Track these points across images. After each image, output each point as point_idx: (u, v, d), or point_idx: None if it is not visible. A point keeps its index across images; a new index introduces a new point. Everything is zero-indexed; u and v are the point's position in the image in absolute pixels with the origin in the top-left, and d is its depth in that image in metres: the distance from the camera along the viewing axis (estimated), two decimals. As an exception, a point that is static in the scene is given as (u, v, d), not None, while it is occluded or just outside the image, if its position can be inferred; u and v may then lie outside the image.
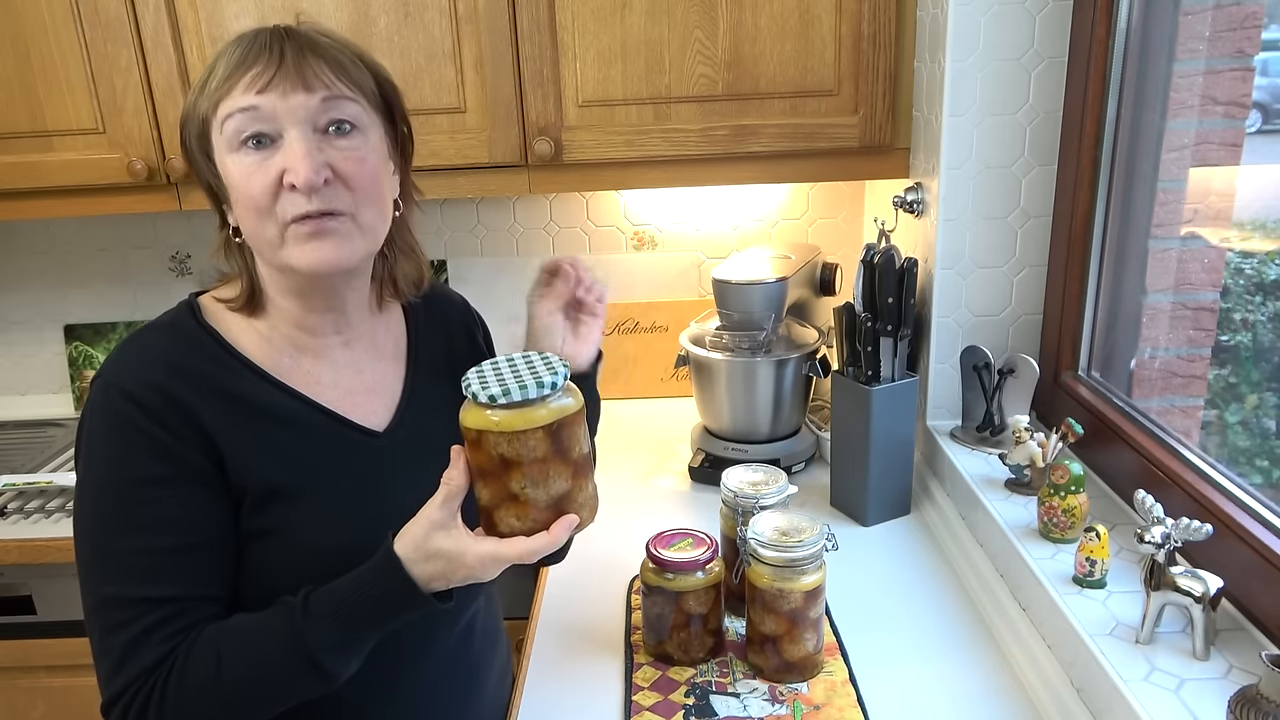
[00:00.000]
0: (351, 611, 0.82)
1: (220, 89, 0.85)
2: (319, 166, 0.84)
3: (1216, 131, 1.20)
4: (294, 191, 0.84)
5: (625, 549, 1.37)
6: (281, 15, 1.47)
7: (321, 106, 0.85)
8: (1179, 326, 1.27)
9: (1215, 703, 0.86)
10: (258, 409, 0.89)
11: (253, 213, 0.85)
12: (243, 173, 0.84)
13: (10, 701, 1.64)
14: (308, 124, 0.85)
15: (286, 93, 0.83)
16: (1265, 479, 1.14)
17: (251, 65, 0.84)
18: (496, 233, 1.95)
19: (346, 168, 0.86)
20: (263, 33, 0.87)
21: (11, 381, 2.10)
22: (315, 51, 0.86)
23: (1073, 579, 1.06)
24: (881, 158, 1.55)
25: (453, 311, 1.12)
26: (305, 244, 0.86)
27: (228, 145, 0.85)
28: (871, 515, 1.44)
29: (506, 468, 0.79)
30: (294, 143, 0.84)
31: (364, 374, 0.98)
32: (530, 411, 0.78)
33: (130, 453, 0.83)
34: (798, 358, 1.58)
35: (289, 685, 0.82)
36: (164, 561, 0.83)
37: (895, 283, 1.37)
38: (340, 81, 0.86)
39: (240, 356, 0.91)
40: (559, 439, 0.79)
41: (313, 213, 0.84)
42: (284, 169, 0.83)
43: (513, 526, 0.81)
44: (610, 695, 1.09)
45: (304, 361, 0.94)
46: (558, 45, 1.49)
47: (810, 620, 1.07)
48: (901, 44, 1.49)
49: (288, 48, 0.85)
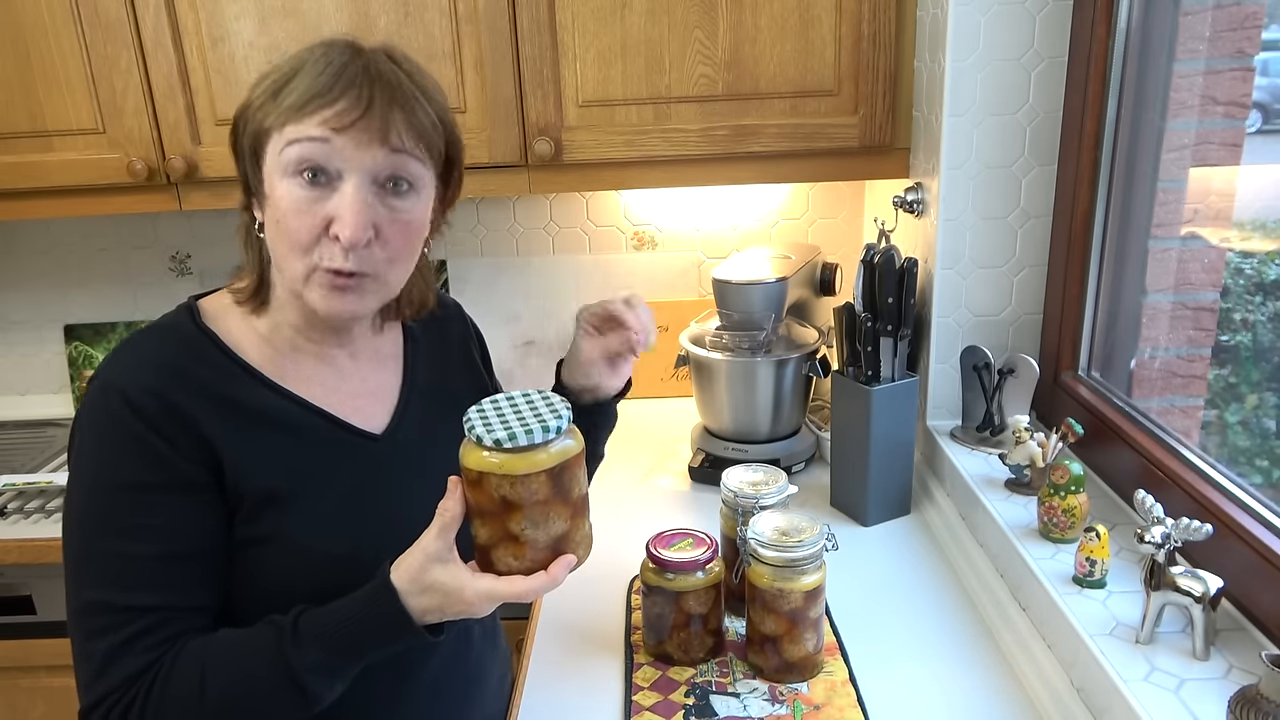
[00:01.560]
0: (341, 638, 0.81)
1: (295, 111, 0.82)
2: (366, 225, 0.83)
3: (1216, 131, 1.20)
4: (336, 242, 0.83)
5: (625, 549, 1.37)
6: (281, 16, 1.47)
7: (389, 161, 0.84)
8: (1179, 326, 1.27)
9: (1215, 703, 0.86)
10: (256, 414, 0.88)
11: (288, 244, 0.84)
12: (292, 205, 0.83)
13: (10, 701, 1.64)
14: (369, 175, 0.83)
15: (362, 142, 0.82)
16: (1265, 479, 1.14)
17: (336, 100, 0.81)
18: (496, 233, 1.95)
19: (391, 232, 0.86)
20: (354, 62, 0.84)
21: (11, 381, 2.10)
22: (403, 105, 0.84)
23: (1073, 579, 1.06)
24: (881, 158, 1.55)
25: (450, 324, 1.12)
26: (328, 293, 0.86)
27: (283, 168, 0.83)
28: (871, 515, 1.44)
29: (507, 509, 0.78)
30: (351, 193, 0.82)
31: (366, 380, 0.99)
32: (533, 455, 0.77)
33: (121, 457, 0.82)
34: (798, 358, 1.58)
35: (271, 705, 0.81)
36: (149, 570, 0.81)
37: (895, 283, 1.37)
38: (415, 142, 0.85)
39: (239, 360, 0.90)
40: (560, 481, 0.79)
41: (345, 270, 0.84)
42: (333, 216, 0.82)
43: (510, 566, 0.81)
44: (610, 695, 1.09)
45: (305, 364, 0.93)
46: (558, 45, 1.49)
47: (810, 620, 1.07)
48: (901, 44, 1.49)
49: (377, 94, 0.83)
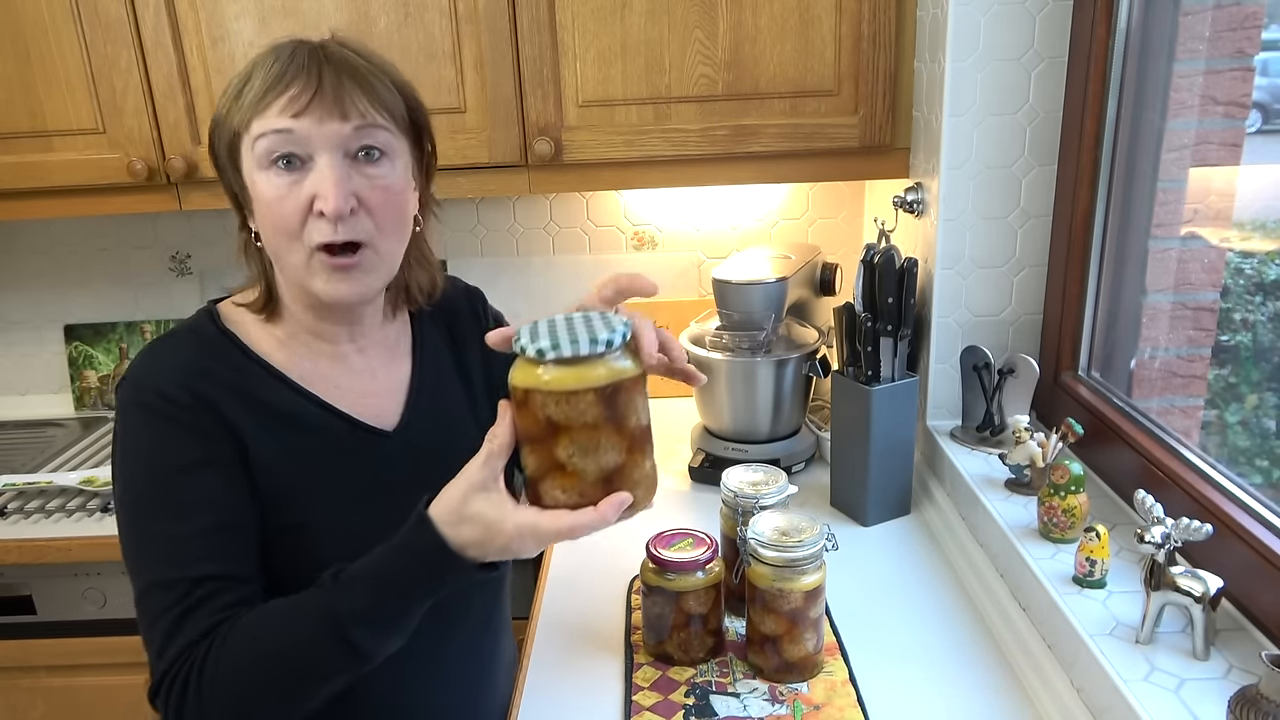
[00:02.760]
0: (382, 580, 0.80)
1: (255, 106, 0.86)
2: (347, 195, 0.86)
3: (1216, 131, 1.20)
4: (321, 218, 0.86)
5: (625, 549, 1.37)
6: (281, 16, 1.47)
7: (354, 134, 0.87)
8: (1179, 326, 1.27)
9: (1215, 703, 0.86)
10: (277, 412, 0.92)
11: (280, 234, 0.88)
12: (273, 193, 0.87)
13: (10, 701, 1.64)
14: (339, 150, 0.87)
15: (322, 119, 0.85)
16: (1265, 479, 1.14)
17: (289, 86, 0.85)
18: (496, 233, 1.95)
19: (372, 197, 0.88)
20: (300, 49, 0.88)
21: (11, 381, 2.10)
22: (353, 77, 0.87)
23: (1073, 579, 1.06)
24: (881, 158, 1.55)
25: (453, 301, 1.13)
26: (330, 277, 0.89)
27: (258, 163, 0.87)
28: (871, 515, 1.44)
29: (554, 432, 0.72)
30: (325, 169, 0.86)
31: (378, 377, 1.01)
32: (583, 370, 0.71)
33: (165, 442, 0.87)
34: (798, 358, 1.58)
35: (322, 662, 0.81)
36: (201, 542, 0.85)
37: (895, 283, 1.37)
38: (374, 109, 0.88)
39: (260, 360, 0.94)
40: (613, 404, 0.72)
41: (337, 243, 0.87)
42: (314, 194, 0.86)
43: (557, 499, 0.74)
44: (610, 695, 1.09)
45: (321, 365, 0.97)
46: (558, 45, 1.49)
47: (810, 620, 1.07)
48: (901, 44, 1.49)
49: (326, 72, 0.86)
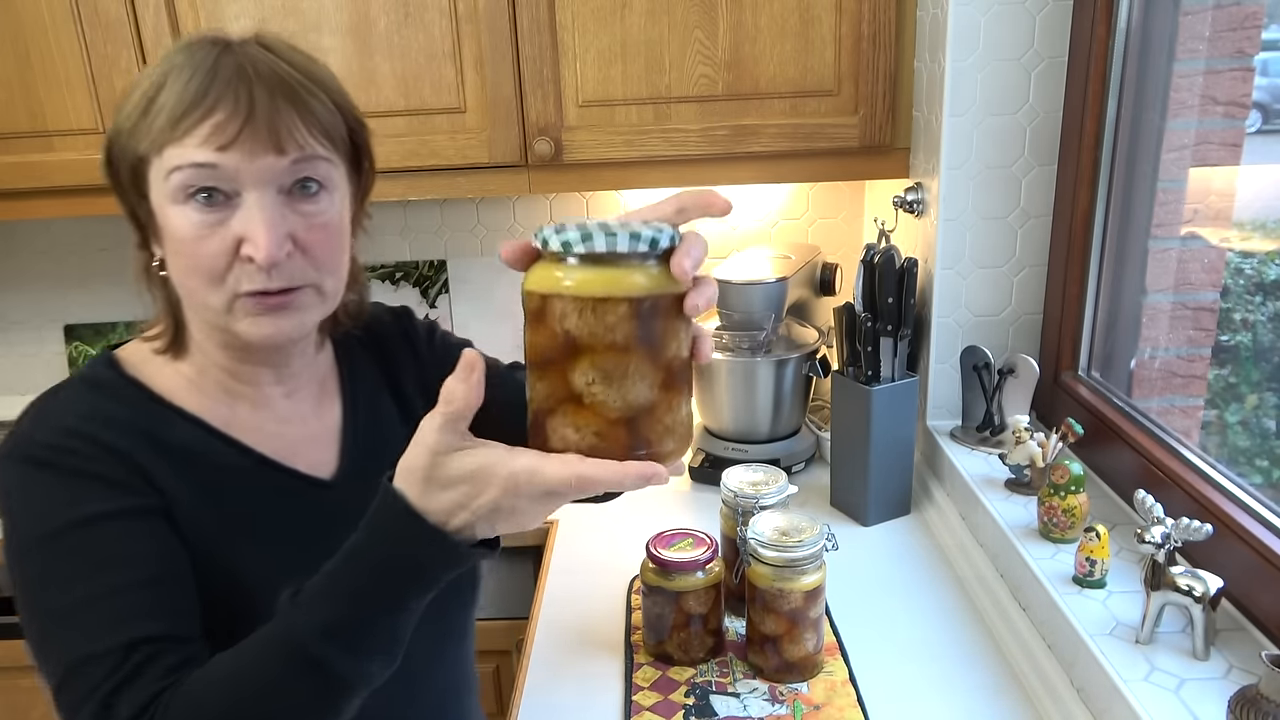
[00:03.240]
0: (349, 580, 0.66)
1: (170, 130, 0.72)
2: (281, 240, 0.74)
3: (1216, 131, 1.20)
4: (251, 263, 0.73)
5: (625, 549, 1.37)
6: (281, 16, 1.47)
7: (291, 168, 0.74)
8: (1179, 326, 1.27)
9: (1215, 703, 0.86)
10: (197, 460, 0.79)
11: (198, 276, 0.75)
12: (190, 232, 0.73)
13: (10, 701, 1.64)
14: (271, 186, 0.74)
15: (254, 152, 0.72)
16: (1265, 479, 1.14)
17: (212, 110, 0.71)
18: (496, 233, 1.95)
19: (310, 238, 0.76)
20: (224, 60, 0.73)
21: (11, 381, 2.10)
22: (289, 98, 0.74)
23: (1073, 579, 1.06)
24: (881, 158, 1.55)
25: (380, 326, 0.99)
26: (259, 318, 0.76)
27: (171, 196, 0.73)
28: (871, 515, 1.44)
29: (572, 352, 0.59)
30: (255, 209, 0.73)
31: (308, 422, 0.89)
32: (617, 274, 0.59)
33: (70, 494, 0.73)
34: (798, 358, 1.58)
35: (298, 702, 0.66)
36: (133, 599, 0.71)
37: (895, 283, 1.37)
38: (314, 138, 0.75)
39: (173, 406, 0.81)
40: (650, 323, 0.59)
41: (272, 290, 0.75)
42: (242, 236, 0.73)
43: (567, 439, 0.61)
44: (610, 695, 1.09)
45: (241, 410, 0.84)
46: (558, 45, 1.49)
47: (810, 620, 1.07)
48: (901, 44, 1.49)
49: (257, 92, 0.72)
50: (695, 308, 0.60)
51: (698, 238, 0.61)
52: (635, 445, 0.60)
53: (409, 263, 1.92)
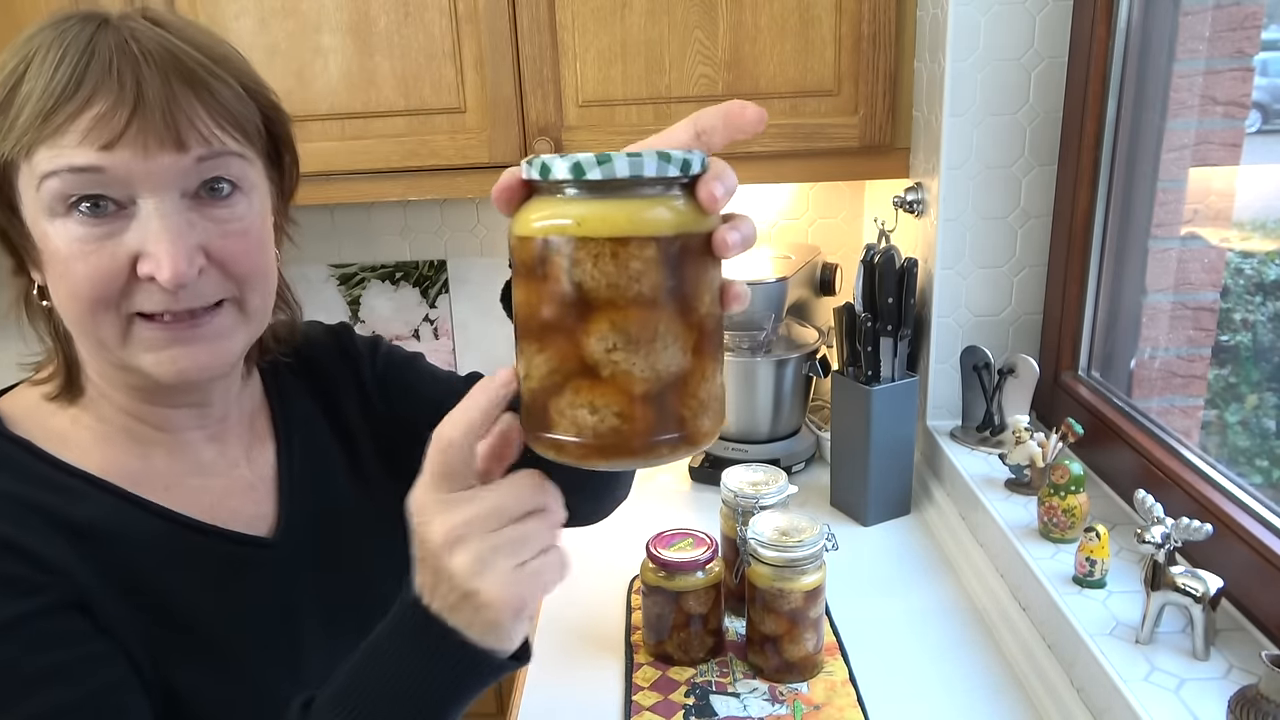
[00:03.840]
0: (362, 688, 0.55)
1: (38, 128, 0.58)
2: (190, 252, 0.60)
3: (1216, 131, 1.20)
4: (153, 283, 0.60)
5: (625, 549, 1.37)
6: (281, 16, 1.47)
7: (196, 167, 0.61)
8: (1179, 326, 1.27)
9: (1215, 703, 0.86)
10: (109, 535, 0.64)
11: (84, 301, 0.61)
12: (75, 248, 0.60)
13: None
14: (174, 190, 0.61)
15: (150, 150, 0.59)
16: (1265, 479, 1.14)
17: (91, 100, 0.57)
18: (496, 233, 1.95)
19: (226, 248, 0.63)
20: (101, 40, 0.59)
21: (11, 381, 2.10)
22: (188, 81, 0.60)
23: (1073, 579, 1.06)
24: (881, 158, 1.55)
25: (313, 349, 0.85)
26: (163, 350, 0.62)
27: (46, 208, 0.59)
28: (871, 515, 1.44)
29: (584, 311, 0.47)
30: (155, 217, 0.59)
31: (238, 468, 0.75)
32: (639, 206, 0.46)
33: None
34: (798, 358, 1.58)
35: None
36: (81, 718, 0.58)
37: (895, 283, 1.37)
38: (223, 130, 0.62)
39: (72, 469, 0.66)
40: (681, 272, 0.47)
41: (180, 313, 0.62)
42: (139, 251, 0.60)
43: (581, 424, 0.48)
44: (610, 695, 1.09)
45: (155, 462, 0.70)
46: (558, 45, 1.49)
47: (810, 620, 1.07)
48: (901, 44, 1.49)
49: (146, 74, 0.58)
50: (726, 244, 0.48)
51: (727, 166, 0.49)
52: (665, 425, 0.48)
53: (409, 263, 1.92)
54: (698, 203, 0.48)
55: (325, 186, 1.54)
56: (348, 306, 1.95)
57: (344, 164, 1.52)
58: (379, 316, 1.95)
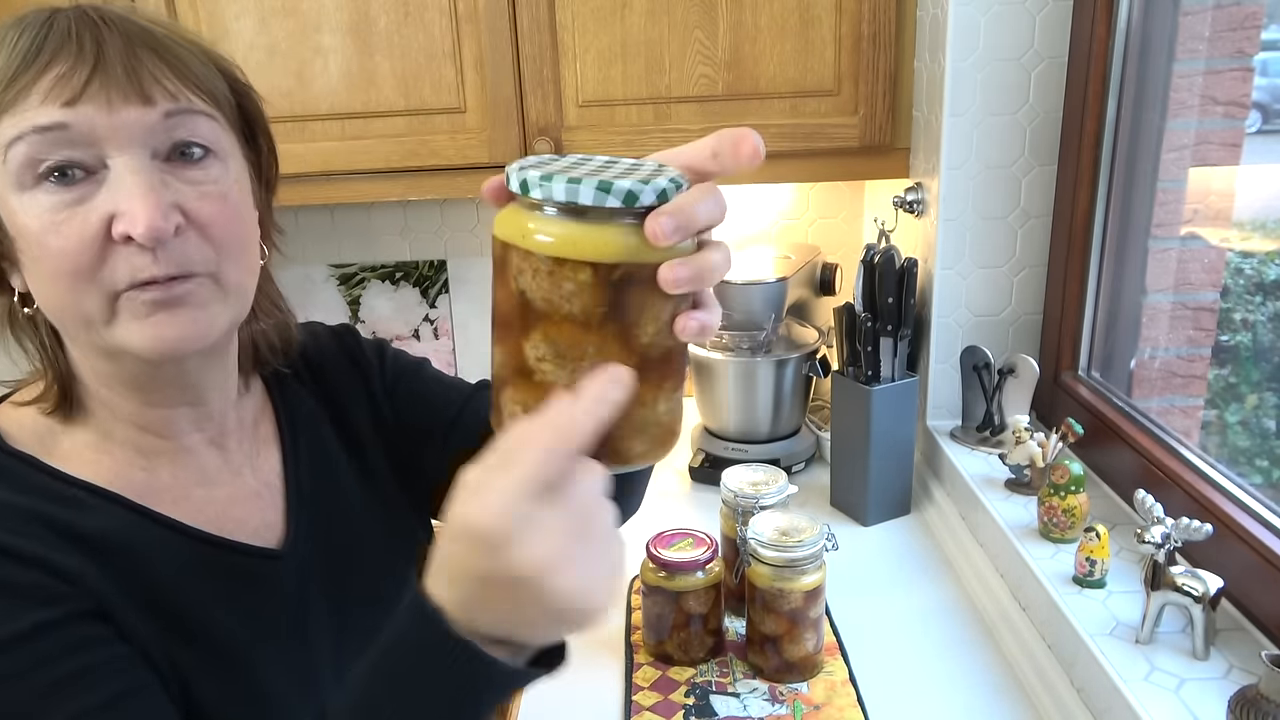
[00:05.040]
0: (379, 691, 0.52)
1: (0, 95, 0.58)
2: (166, 208, 0.59)
3: (1216, 131, 1.21)
4: (130, 245, 0.58)
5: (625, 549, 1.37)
6: (281, 16, 1.47)
7: (164, 124, 0.60)
8: (1179, 326, 1.27)
9: (1215, 703, 0.86)
10: (119, 546, 0.63)
11: (63, 278, 0.59)
12: (45, 220, 0.58)
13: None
14: (144, 149, 0.60)
15: (114, 103, 0.58)
16: (1265, 479, 1.14)
17: (50, 63, 0.57)
18: (496, 233, 1.95)
19: (203, 210, 0.61)
20: (60, 15, 0.60)
21: (11, 381, 2.10)
22: (149, 44, 0.60)
23: (1073, 579, 1.06)
24: (881, 158, 1.55)
25: (319, 352, 0.84)
26: (147, 319, 0.60)
27: (14, 180, 0.58)
28: (871, 515, 1.44)
29: (527, 318, 0.49)
30: (126, 174, 0.59)
31: (243, 476, 0.74)
32: (585, 230, 0.47)
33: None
34: (798, 358, 1.58)
35: None
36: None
37: (895, 283, 1.37)
38: (189, 88, 0.62)
39: (77, 482, 0.65)
40: (622, 299, 0.48)
41: (160, 277, 0.60)
42: (112, 213, 0.58)
43: (516, 418, 0.51)
44: (610, 695, 1.09)
45: (160, 473, 0.69)
46: (558, 45, 1.49)
47: (810, 620, 1.07)
48: (901, 44, 1.49)
49: (108, 37, 0.59)
50: (669, 280, 0.46)
51: (705, 195, 0.47)
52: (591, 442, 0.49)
53: (409, 263, 1.92)
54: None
55: (325, 186, 1.54)
56: (348, 306, 1.95)
57: (344, 164, 1.52)
58: (379, 316, 1.95)
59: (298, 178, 1.53)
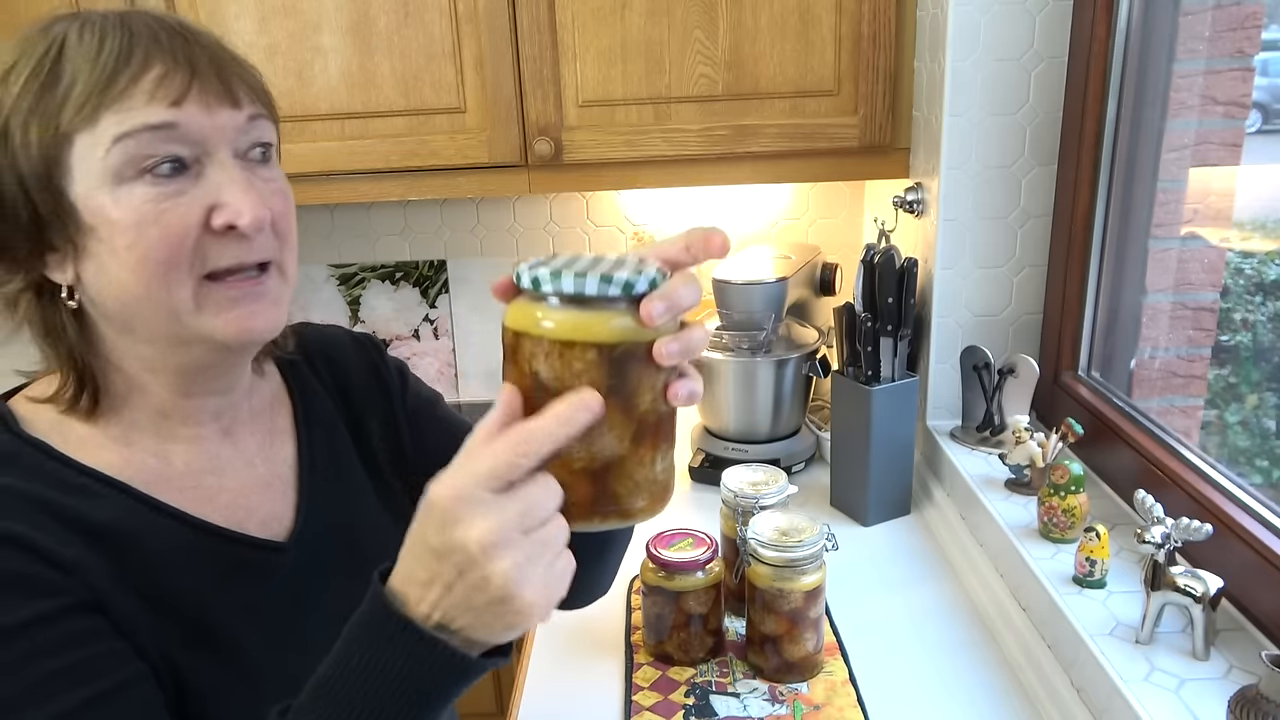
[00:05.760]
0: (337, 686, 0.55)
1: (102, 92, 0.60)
2: (262, 201, 0.65)
3: (1216, 131, 1.21)
4: (227, 235, 0.64)
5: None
6: (281, 16, 1.47)
7: (247, 126, 0.66)
8: (1179, 326, 1.27)
9: (1215, 703, 0.86)
10: (125, 536, 0.65)
11: (159, 265, 0.62)
12: (145, 210, 0.61)
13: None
14: (231, 148, 0.65)
15: (211, 106, 0.63)
16: (1265, 479, 1.14)
17: (147, 62, 0.61)
18: (496, 233, 1.95)
19: (277, 205, 0.67)
20: (131, 15, 0.63)
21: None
22: (219, 51, 0.66)
23: (1073, 579, 1.06)
24: (881, 158, 1.55)
25: (341, 353, 0.87)
26: (234, 309, 0.65)
27: (115, 175, 0.61)
28: (871, 515, 1.44)
29: (542, 396, 0.55)
30: (223, 170, 0.64)
31: (255, 465, 0.76)
32: (589, 317, 0.54)
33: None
34: (798, 358, 1.58)
35: None
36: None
37: (895, 283, 1.37)
38: (255, 96, 0.68)
39: (88, 470, 0.66)
40: (622, 374, 0.55)
41: (249, 264, 0.65)
42: (212, 205, 0.63)
43: None
44: (610, 695, 1.09)
45: (174, 461, 0.71)
46: (558, 45, 1.49)
47: (810, 620, 1.07)
48: (901, 44, 1.49)
49: (182, 47, 0.63)
50: (663, 354, 0.54)
51: (685, 282, 0.55)
52: (600, 500, 0.57)
53: (409, 263, 1.92)
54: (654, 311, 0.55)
55: (325, 186, 1.54)
56: (348, 306, 1.95)
57: (344, 164, 1.52)
58: (379, 316, 1.95)
59: (298, 178, 1.51)
